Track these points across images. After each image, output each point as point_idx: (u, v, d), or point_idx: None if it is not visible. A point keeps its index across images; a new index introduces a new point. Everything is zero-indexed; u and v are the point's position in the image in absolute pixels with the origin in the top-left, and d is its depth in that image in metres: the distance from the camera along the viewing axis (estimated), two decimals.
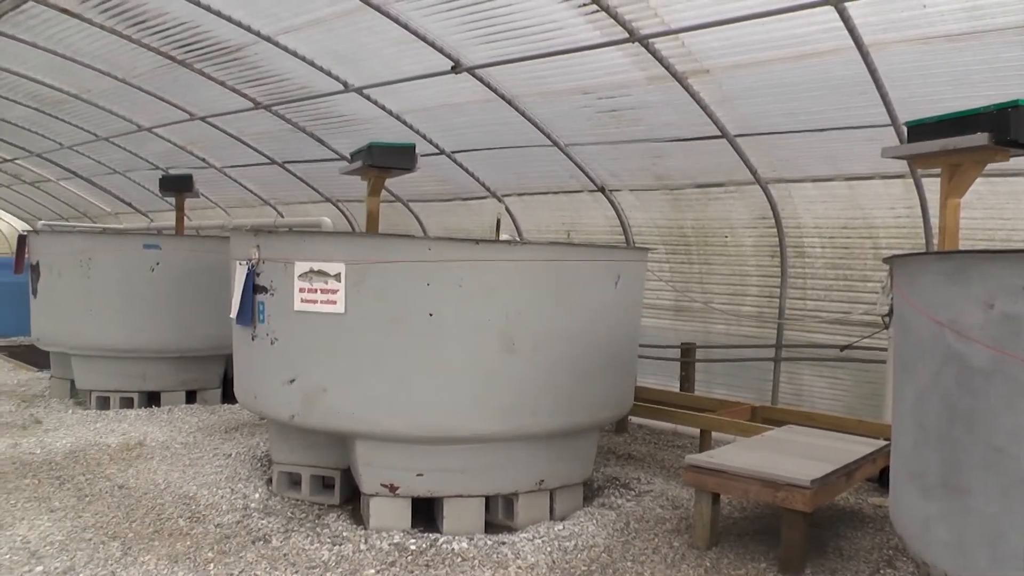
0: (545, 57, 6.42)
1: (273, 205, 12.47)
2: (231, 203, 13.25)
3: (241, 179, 11.98)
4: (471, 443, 4.41)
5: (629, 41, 5.83)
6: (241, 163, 11.34)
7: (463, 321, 4.30)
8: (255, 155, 10.74)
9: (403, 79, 7.44)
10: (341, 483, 4.93)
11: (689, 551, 4.30)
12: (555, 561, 4.09)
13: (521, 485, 4.59)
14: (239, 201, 12.98)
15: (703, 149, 6.95)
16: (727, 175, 7.18)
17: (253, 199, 12.57)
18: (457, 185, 9.43)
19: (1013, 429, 2.31)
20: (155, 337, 7.53)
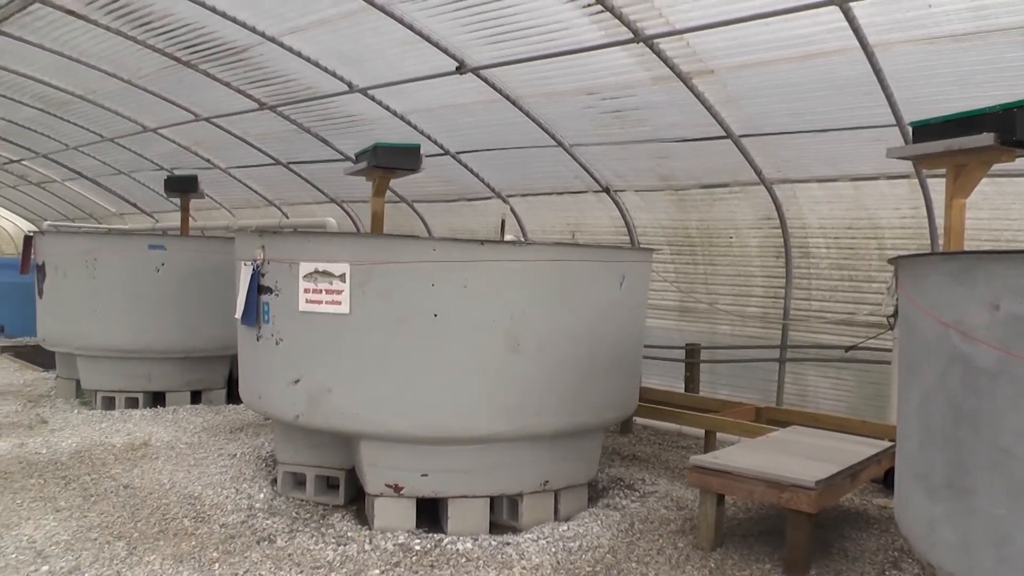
0: (550, 58, 6.43)
1: (278, 206, 12.49)
2: (236, 204, 13.28)
3: (246, 180, 12.01)
4: (476, 443, 4.41)
5: (634, 41, 5.83)
6: (246, 164, 11.36)
7: (468, 321, 4.31)
8: (260, 156, 10.76)
9: (408, 80, 7.46)
10: (346, 483, 4.94)
11: (693, 552, 4.30)
12: (560, 562, 4.09)
13: (526, 486, 4.59)
14: (244, 202, 13.01)
15: (708, 149, 6.94)
16: (732, 175, 7.17)
17: (258, 200, 12.60)
18: (462, 186, 9.43)
19: (1019, 430, 2.30)
20: (160, 337, 7.56)
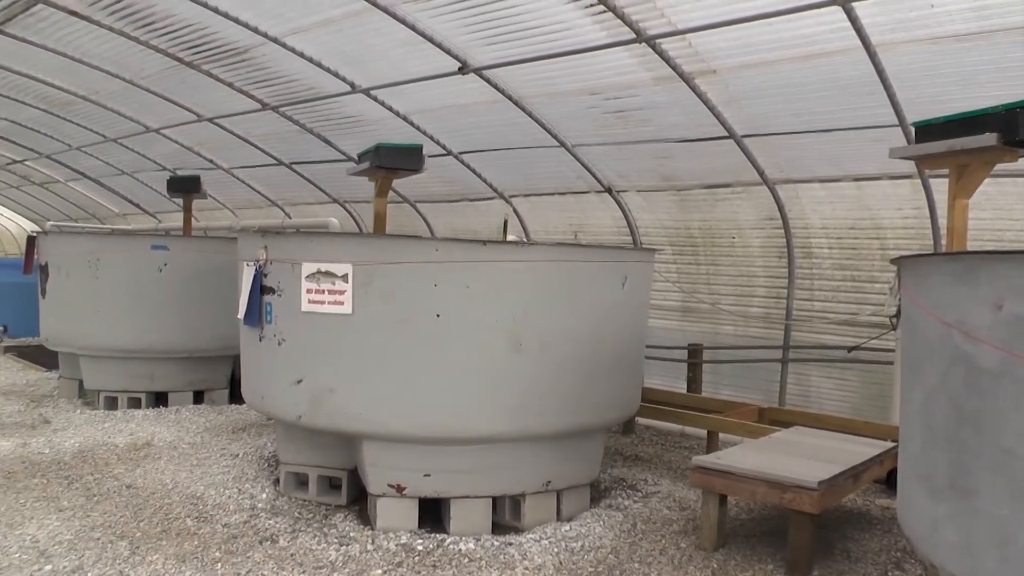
0: (552, 58, 6.43)
1: (280, 206, 12.50)
2: (239, 204, 13.29)
3: (249, 180, 12.02)
4: (478, 444, 4.41)
5: (636, 42, 5.83)
6: (248, 164, 11.37)
7: (470, 322, 4.31)
8: (262, 156, 10.77)
9: (410, 80, 7.46)
10: (348, 483, 4.94)
11: (696, 552, 4.29)
12: (562, 562, 4.09)
13: (528, 486, 4.59)
14: (247, 202, 13.02)
15: (710, 150, 6.93)
16: (734, 176, 7.16)
17: (260, 200, 12.61)
18: (464, 186, 9.43)
19: (1021, 430, 2.30)
20: (163, 337, 7.57)
